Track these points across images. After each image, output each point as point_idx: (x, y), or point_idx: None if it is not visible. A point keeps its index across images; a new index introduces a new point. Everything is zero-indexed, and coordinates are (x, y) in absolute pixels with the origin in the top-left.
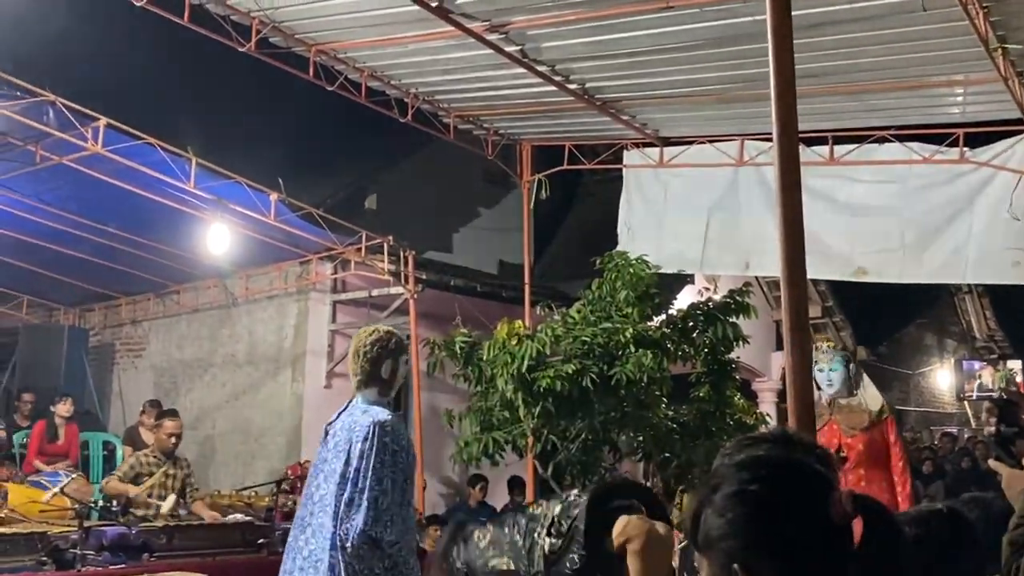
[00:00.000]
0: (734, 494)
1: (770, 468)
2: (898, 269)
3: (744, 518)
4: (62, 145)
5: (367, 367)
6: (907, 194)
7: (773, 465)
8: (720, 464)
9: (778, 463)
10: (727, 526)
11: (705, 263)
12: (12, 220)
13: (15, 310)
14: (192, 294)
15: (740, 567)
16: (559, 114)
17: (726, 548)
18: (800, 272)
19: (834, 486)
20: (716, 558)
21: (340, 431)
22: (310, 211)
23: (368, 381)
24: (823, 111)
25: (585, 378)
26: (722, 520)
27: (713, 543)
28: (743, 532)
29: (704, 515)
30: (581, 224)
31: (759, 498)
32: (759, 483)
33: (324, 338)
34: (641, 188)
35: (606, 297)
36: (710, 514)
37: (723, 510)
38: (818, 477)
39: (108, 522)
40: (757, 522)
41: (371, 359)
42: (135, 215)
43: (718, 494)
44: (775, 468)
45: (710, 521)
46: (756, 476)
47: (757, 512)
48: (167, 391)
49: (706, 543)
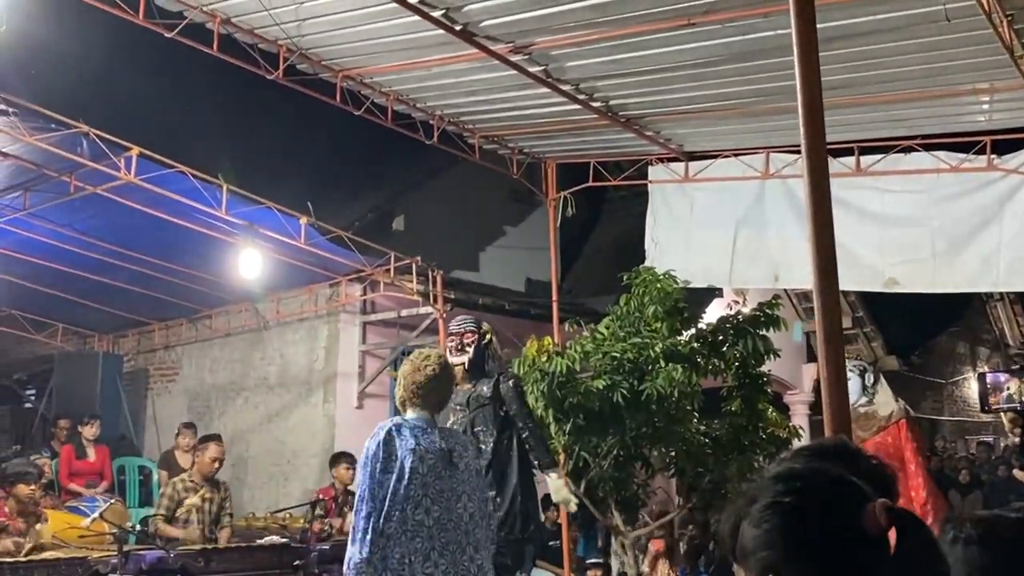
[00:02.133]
0: (769, 506)
1: (804, 480)
2: (929, 279)
3: (778, 529)
4: (96, 175)
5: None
6: (936, 203)
7: (807, 477)
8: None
9: (812, 475)
10: (762, 537)
11: (734, 277)
12: (47, 249)
13: (50, 338)
14: (224, 318)
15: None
16: (583, 131)
17: (761, 559)
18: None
19: (869, 498)
20: (752, 569)
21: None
22: (339, 234)
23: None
24: (848, 122)
25: (615, 394)
26: (757, 531)
27: (749, 555)
28: (777, 543)
29: (741, 527)
30: (608, 240)
31: (793, 509)
32: (793, 495)
33: (355, 359)
34: (667, 203)
35: (634, 312)
36: (746, 525)
37: (759, 522)
38: (853, 488)
39: (146, 546)
40: (791, 533)
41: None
42: (168, 242)
43: (755, 506)
44: (809, 480)
45: (746, 533)
46: (790, 488)
47: (791, 523)
48: (200, 415)
49: (742, 554)
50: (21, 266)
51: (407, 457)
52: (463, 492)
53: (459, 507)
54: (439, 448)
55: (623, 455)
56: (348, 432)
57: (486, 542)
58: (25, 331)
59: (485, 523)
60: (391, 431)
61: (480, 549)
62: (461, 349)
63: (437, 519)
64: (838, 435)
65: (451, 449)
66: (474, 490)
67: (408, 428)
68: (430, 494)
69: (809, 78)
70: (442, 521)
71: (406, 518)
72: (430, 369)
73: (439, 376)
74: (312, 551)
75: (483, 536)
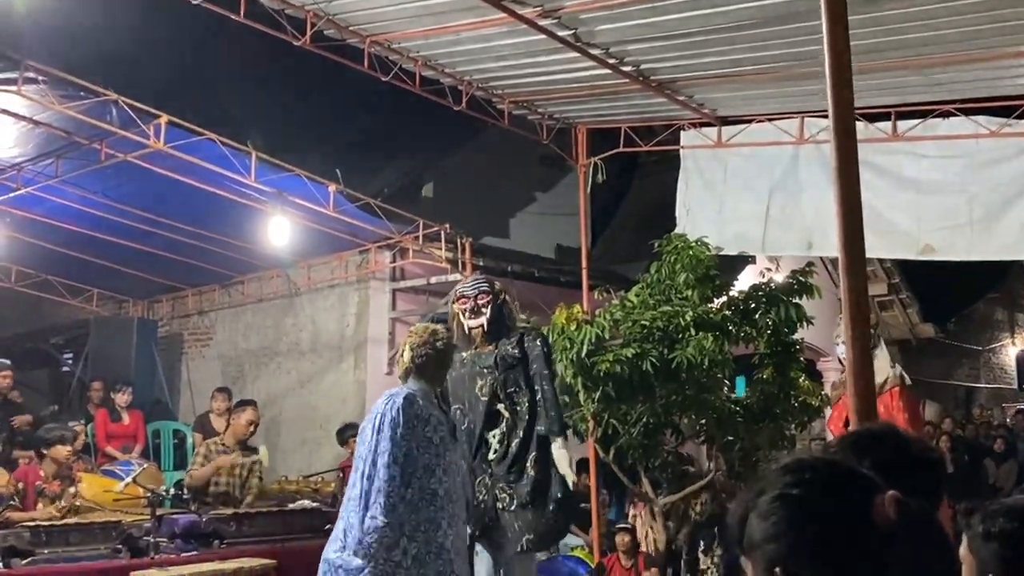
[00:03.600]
0: (776, 498)
1: (812, 471)
2: (966, 246)
3: (785, 522)
4: (125, 143)
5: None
6: (974, 169)
7: (816, 468)
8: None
9: (820, 466)
10: (770, 529)
11: (767, 244)
12: (81, 216)
13: (86, 303)
14: (256, 284)
15: (782, 571)
16: (614, 96)
17: (769, 552)
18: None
19: (879, 490)
20: (759, 561)
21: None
22: (368, 201)
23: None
24: (885, 86)
25: (645, 362)
26: (765, 524)
27: (756, 546)
28: (784, 536)
29: (749, 518)
30: (639, 207)
31: (800, 502)
32: (800, 487)
33: (385, 326)
34: (699, 169)
35: (665, 280)
36: (754, 517)
37: (766, 514)
38: (862, 480)
39: (180, 510)
40: (798, 526)
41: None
42: (198, 209)
43: (763, 497)
44: (817, 472)
45: (754, 524)
46: (798, 480)
47: (798, 516)
48: (234, 379)
49: (750, 546)
50: (55, 232)
51: (425, 426)
52: (460, 466)
53: (458, 479)
54: (447, 421)
55: (653, 423)
56: (378, 397)
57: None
58: (61, 296)
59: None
60: (409, 398)
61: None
62: (477, 312)
63: (447, 490)
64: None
65: (454, 424)
66: (459, 468)
67: (421, 398)
68: (443, 464)
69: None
70: (450, 492)
71: (424, 486)
72: (439, 343)
73: (445, 350)
74: None
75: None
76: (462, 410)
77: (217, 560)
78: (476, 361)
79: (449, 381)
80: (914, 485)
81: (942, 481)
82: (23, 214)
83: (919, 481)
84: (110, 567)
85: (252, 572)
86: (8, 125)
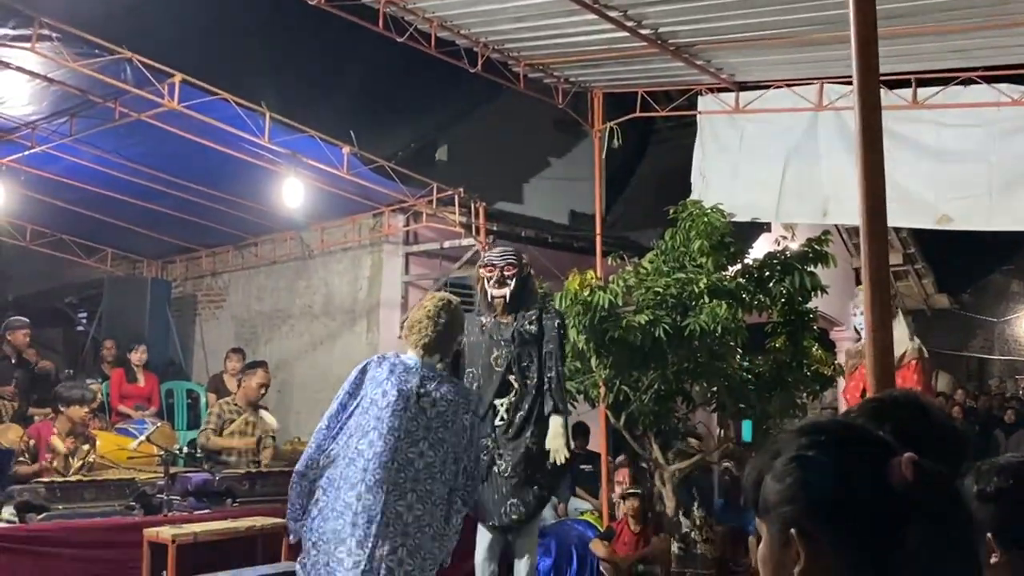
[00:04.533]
0: (792, 459)
1: (828, 433)
2: (984, 216)
3: (801, 483)
4: (139, 102)
5: (437, 335)
6: (994, 138)
7: (831, 431)
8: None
9: (836, 428)
10: (785, 491)
11: (781, 211)
12: (95, 175)
13: (100, 262)
14: (270, 246)
15: (797, 533)
16: (631, 60)
17: (783, 513)
18: (881, 225)
19: (895, 453)
20: (774, 523)
21: (441, 402)
22: (382, 164)
23: (436, 348)
24: (906, 52)
25: (658, 329)
26: (780, 485)
27: (771, 508)
28: (799, 498)
29: (764, 480)
30: (654, 173)
31: (816, 463)
32: (816, 448)
33: (398, 290)
34: (716, 135)
35: (679, 247)
36: (769, 479)
37: (781, 476)
38: (878, 443)
39: (193, 469)
40: (813, 488)
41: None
42: (212, 170)
43: (778, 460)
44: (833, 433)
45: (769, 486)
46: (814, 441)
47: (813, 477)
48: (247, 341)
49: (764, 508)
50: (70, 191)
51: (372, 389)
52: (423, 439)
53: (412, 451)
54: (409, 388)
55: (664, 390)
56: None
57: (440, 497)
58: (76, 256)
59: (444, 478)
60: (369, 363)
61: (425, 500)
62: (502, 282)
63: (377, 454)
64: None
65: (423, 393)
66: (441, 441)
67: (389, 363)
68: (379, 428)
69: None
70: (382, 457)
71: (349, 444)
72: (428, 309)
73: (435, 318)
74: None
75: (435, 489)
76: (474, 375)
77: (230, 519)
78: (495, 331)
79: (466, 346)
80: (935, 454)
81: (964, 451)
82: (38, 172)
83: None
84: (124, 523)
85: (264, 531)
86: (22, 83)
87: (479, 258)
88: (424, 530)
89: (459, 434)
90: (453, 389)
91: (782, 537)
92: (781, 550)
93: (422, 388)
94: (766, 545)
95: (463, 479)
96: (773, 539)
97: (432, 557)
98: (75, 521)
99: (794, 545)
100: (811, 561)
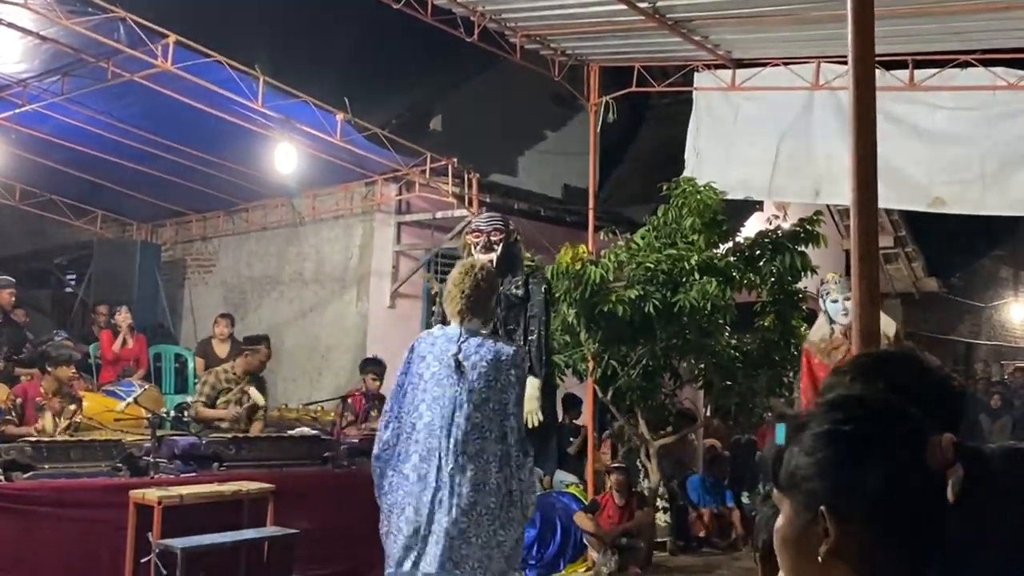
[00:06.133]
0: (826, 433)
1: (865, 409)
2: (977, 200)
3: (832, 459)
4: (133, 62)
5: (468, 300)
6: (989, 122)
7: (868, 406)
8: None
9: (874, 404)
10: (816, 466)
11: (773, 189)
12: (87, 136)
13: (90, 224)
14: (261, 212)
15: (827, 510)
16: (628, 34)
17: (812, 489)
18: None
19: (931, 432)
20: (800, 499)
21: (481, 363)
22: (375, 132)
23: (472, 312)
24: (903, 33)
25: (648, 304)
26: (810, 460)
27: (799, 483)
28: (830, 474)
29: (790, 453)
30: (649, 148)
31: (853, 439)
32: (853, 423)
33: (389, 259)
34: (711, 111)
35: (672, 223)
36: (796, 452)
37: (812, 450)
38: (916, 421)
39: (180, 432)
40: (847, 464)
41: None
42: (205, 133)
43: (807, 432)
44: (870, 409)
45: (797, 460)
46: (851, 416)
47: (848, 454)
48: (236, 307)
49: (790, 483)
50: (60, 151)
51: (417, 363)
52: (466, 401)
53: (458, 415)
54: (448, 357)
55: (652, 365)
56: (380, 330)
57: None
58: (65, 217)
59: (495, 436)
60: (418, 340)
61: (477, 460)
62: (489, 247)
63: (427, 424)
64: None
65: (464, 358)
66: (485, 402)
67: (433, 338)
68: (427, 400)
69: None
70: (432, 427)
71: (405, 420)
72: (458, 276)
73: (468, 283)
74: (342, 444)
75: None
76: None
77: (216, 482)
78: None
79: None
80: (932, 411)
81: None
82: (28, 131)
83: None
84: (110, 484)
85: (250, 495)
86: (14, 39)
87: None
88: (479, 488)
89: (505, 391)
90: (495, 348)
91: (809, 514)
92: (806, 527)
93: (460, 353)
94: (788, 521)
95: (516, 434)
96: (797, 515)
97: (489, 512)
98: (61, 481)
99: (822, 523)
100: (841, 540)
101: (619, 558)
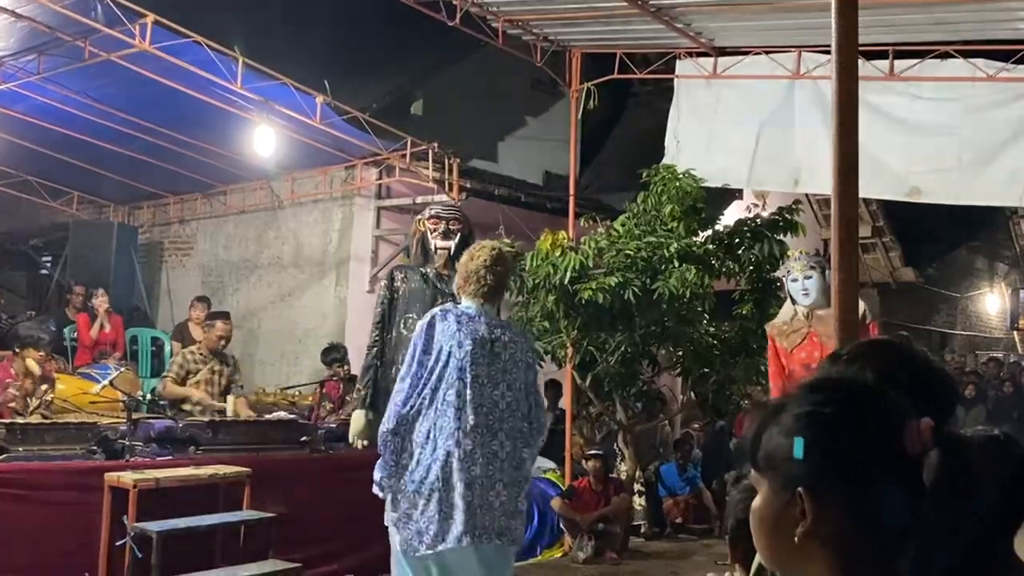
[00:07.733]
0: (806, 415)
1: (844, 391)
2: (954, 190)
3: (813, 440)
4: (110, 41)
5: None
6: (967, 113)
7: (848, 388)
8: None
9: (853, 386)
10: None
11: (753, 178)
12: (63, 116)
13: (66, 206)
14: (239, 195)
15: (805, 491)
16: (611, 20)
17: (790, 470)
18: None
19: (911, 415)
20: (777, 480)
21: (511, 344)
22: (356, 115)
23: (494, 296)
24: (884, 23)
25: (627, 291)
26: (789, 441)
27: (777, 464)
28: (809, 455)
29: (768, 434)
30: (630, 136)
31: (833, 421)
32: (833, 405)
33: (368, 243)
34: (692, 99)
35: (651, 211)
36: (775, 433)
37: (790, 431)
38: (895, 404)
39: (156, 415)
40: (825, 446)
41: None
42: (183, 114)
43: (786, 413)
44: (850, 391)
45: (775, 440)
46: (831, 398)
47: (826, 436)
48: (214, 290)
49: (768, 464)
50: (36, 132)
51: (446, 341)
52: (501, 380)
53: (495, 394)
54: (481, 336)
55: (630, 352)
56: (359, 315)
57: (519, 432)
58: (41, 198)
59: (521, 414)
60: (435, 317)
61: (512, 437)
62: (447, 235)
63: (468, 400)
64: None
65: (495, 339)
66: (515, 381)
67: (454, 315)
68: (463, 378)
69: None
70: (474, 403)
71: (436, 397)
72: (483, 259)
73: (492, 266)
74: (319, 428)
75: (516, 426)
76: (414, 319)
77: (192, 466)
78: (439, 281)
79: (406, 292)
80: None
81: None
82: (3, 111)
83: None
84: (85, 467)
85: (226, 479)
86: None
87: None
88: (513, 463)
89: (526, 372)
90: (512, 331)
91: (786, 495)
92: (784, 508)
93: (492, 334)
94: (764, 502)
95: (533, 412)
96: (774, 496)
97: (517, 486)
98: (35, 463)
99: (799, 504)
100: (818, 521)
101: (595, 543)
